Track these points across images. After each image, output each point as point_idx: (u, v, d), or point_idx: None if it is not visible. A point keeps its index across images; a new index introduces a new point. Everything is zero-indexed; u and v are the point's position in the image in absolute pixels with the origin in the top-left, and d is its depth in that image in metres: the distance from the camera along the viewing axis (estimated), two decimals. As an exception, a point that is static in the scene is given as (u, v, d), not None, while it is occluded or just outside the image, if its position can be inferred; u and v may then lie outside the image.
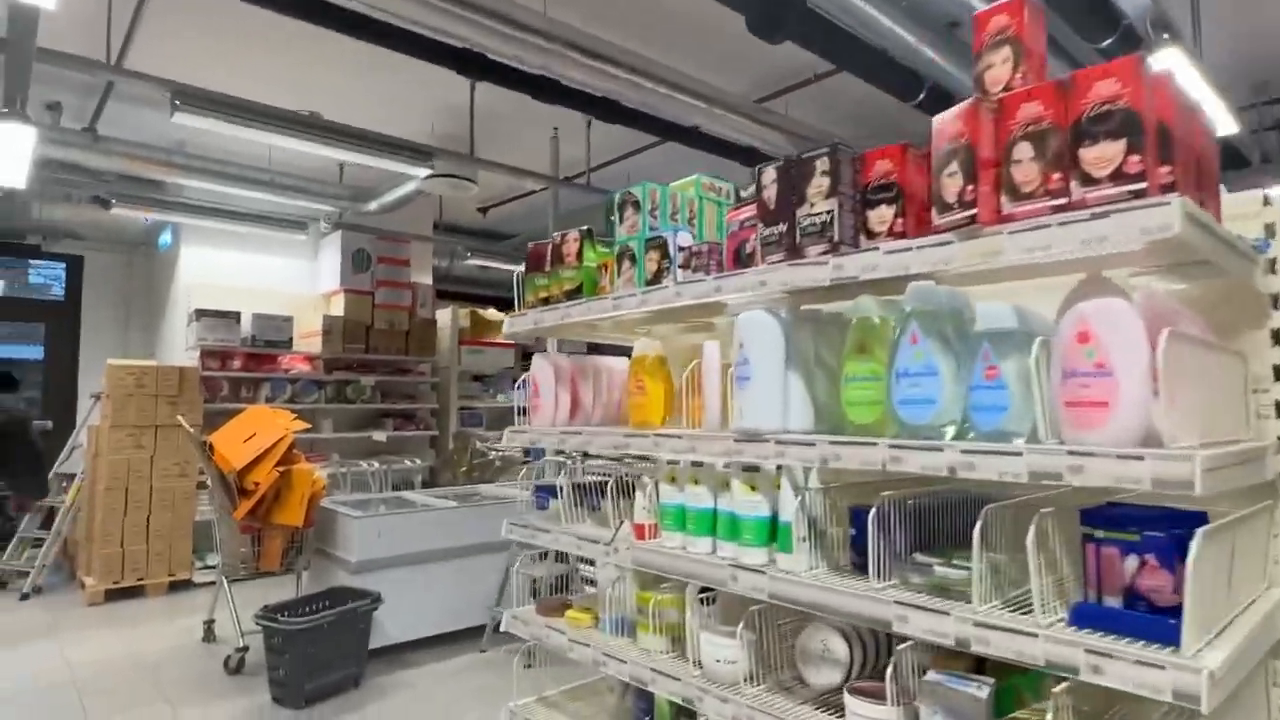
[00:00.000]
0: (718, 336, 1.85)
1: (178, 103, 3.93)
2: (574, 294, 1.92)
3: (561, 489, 1.77)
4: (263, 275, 6.75)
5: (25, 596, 5.37)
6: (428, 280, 7.53)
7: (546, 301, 1.98)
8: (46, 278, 7.45)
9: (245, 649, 3.91)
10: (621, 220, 1.71)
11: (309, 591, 4.23)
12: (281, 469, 3.97)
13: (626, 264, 1.70)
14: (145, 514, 5.45)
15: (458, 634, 4.34)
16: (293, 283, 6.92)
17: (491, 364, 7.83)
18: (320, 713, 3.42)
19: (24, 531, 5.76)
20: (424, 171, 4.96)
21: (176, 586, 5.58)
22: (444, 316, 7.51)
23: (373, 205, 6.27)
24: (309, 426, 4.30)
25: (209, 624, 4.45)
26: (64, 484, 6.01)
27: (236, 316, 6.04)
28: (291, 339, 6.34)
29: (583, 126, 5.87)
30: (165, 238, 6.67)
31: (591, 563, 2.15)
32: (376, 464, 5.88)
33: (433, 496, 4.80)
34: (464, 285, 9.17)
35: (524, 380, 2.04)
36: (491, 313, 8.02)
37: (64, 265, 7.25)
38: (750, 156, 5.68)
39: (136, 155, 5.32)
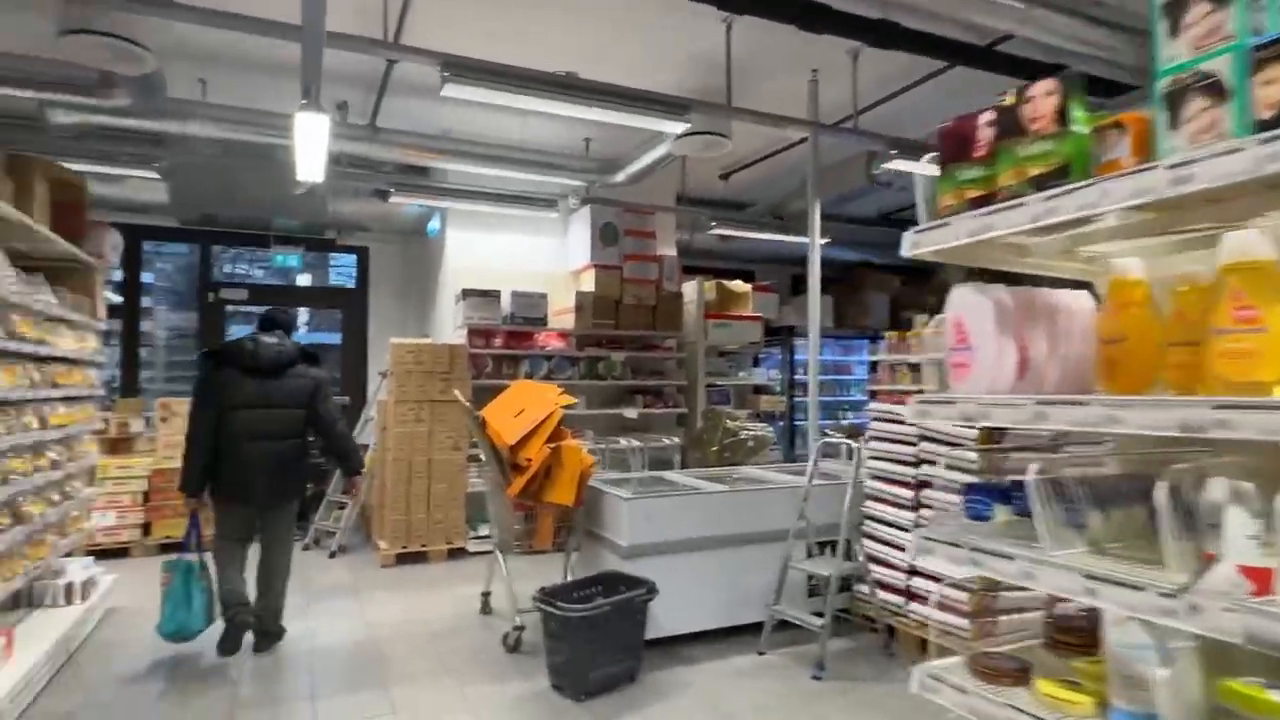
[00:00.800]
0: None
1: (446, 74, 3.90)
2: (1048, 179, 1.25)
3: (1036, 492, 1.13)
4: (519, 255, 6.91)
5: (333, 554, 5.94)
6: (672, 253, 7.26)
7: (984, 202, 1.36)
8: (341, 268, 8.34)
9: (521, 628, 3.84)
10: (1177, 28, 1.03)
11: (576, 573, 4.08)
12: (551, 445, 3.83)
13: (1193, 104, 1.02)
14: (425, 484, 5.76)
15: (732, 630, 3.95)
16: (546, 261, 7.01)
17: (737, 338, 7.39)
18: (601, 707, 3.19)
19: (331, 495, 6.40)
20: (679, 127, 4.59)
21: (454, 554, 5.86)
22: (689, 290, 7.20)
23: (620, 176, 6.08)
24: (575, 402, 4.15)
25: (485, 596, 4.50)
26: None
27: (497, 295, 6.19)
28: (546, 316, 6.39)
29: (846, 66, 5.15)
30: (434, 224, 7.08)
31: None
32: (635, 442, 5.71)
33: (696, 478, 4.45)
34: (706, 258, 8.83)
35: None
36: (737, 285, 7.57)
37: (354, 256, 8.05)
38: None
39: (409, 144, 5.57)
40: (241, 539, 3.86)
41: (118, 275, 7.21)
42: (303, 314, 10.56)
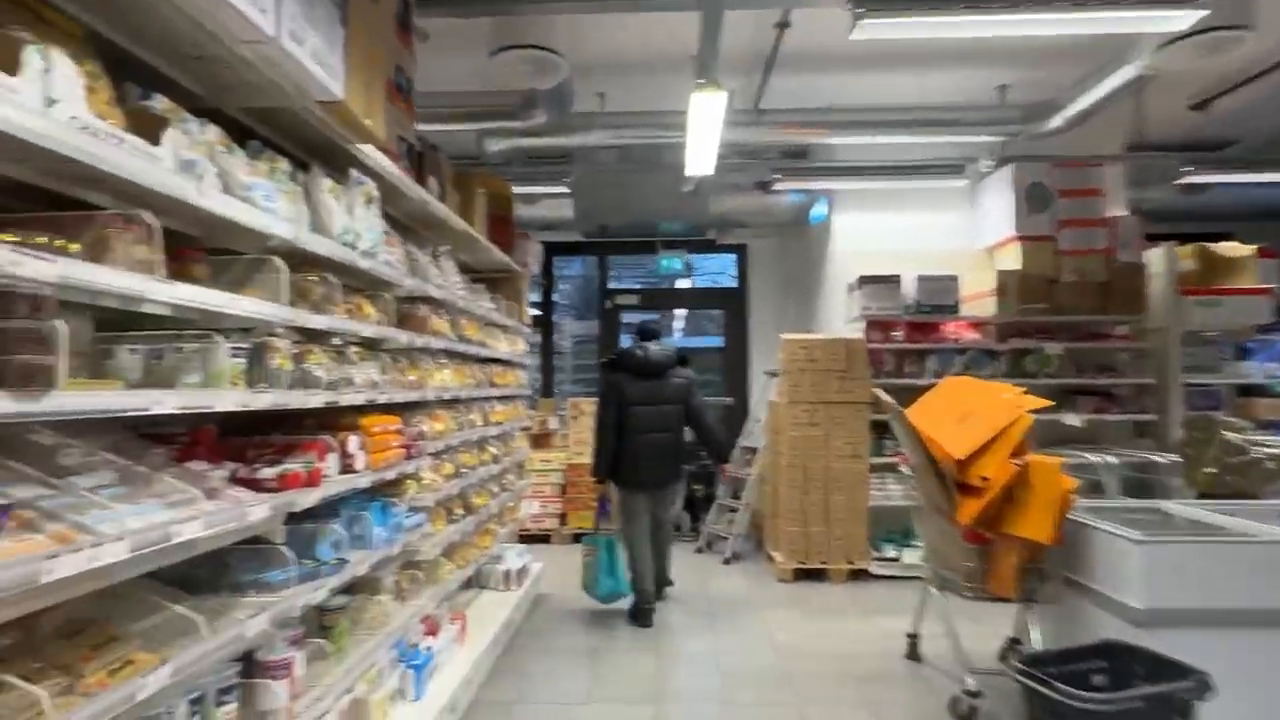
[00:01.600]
0: None
1: (859, 10, 3.25)
2: None
3: None
4: (918, 236, 5.98)
5: (727, 561, 5.72)
6: (1125, 213, 5.61)
7: None
8: (721, 268, 8.30)
9: (977, 695, 2.99)
10: None
11: (1046, 633, 3.08)
12: (1018, 462, 2.92)
13: None
14: (823, 495, 5.19)
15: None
16: (950, 239, 5.97)
17: (1231, 320, 5.43)
18: (1130, 845, 2.21)
19: (721, 498, 6.22)
20: (1187, 18, 3.27)
21: (855, 575, 5.19)
22: (1153, 260, 5.49)
23: (1055, 121, 4.78)
24: (1047, 404, 3.16)
25: (913, 639, 3.73)
26: (746, 456, 6.33)
27: (897, 281, 5.37)
28: (957, 302, 5.37)
29: None
30: (817, 210, 6.54)
31: None
32: (1110, 457, 4.40)
33: (1230, 514, 3.09)
34: (1163, 221, 6.80)
35: None
36: (1230, 247, 5.59)
37: (734, 255, 7.93)
38: None
39: (796, 121, 5.07)
40: (643, 516, 4.46)
41: (537, 287, 8.10)
42: (678, 319, 10.88)
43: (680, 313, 10.87)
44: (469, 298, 3.67)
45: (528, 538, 6.36)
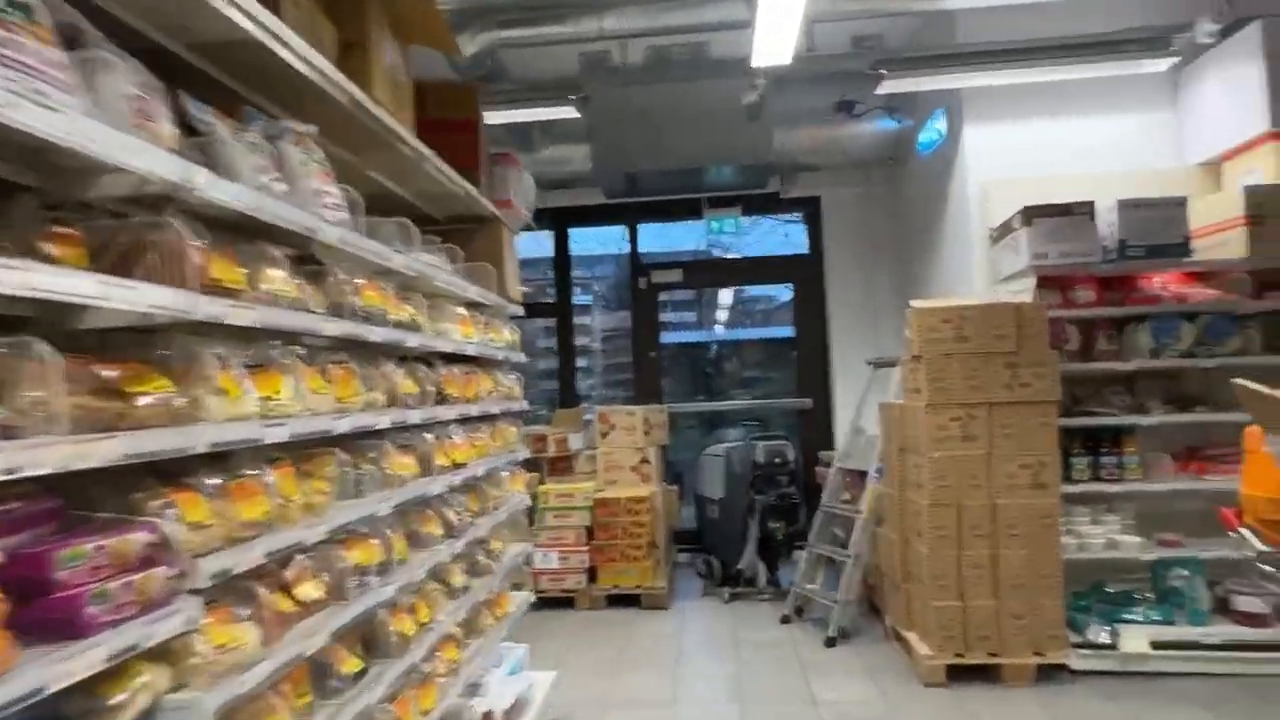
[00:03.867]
0: None
1: None
2: None
3: None
4: (1093, 152, 4.07)
5: (831, 642, 3.87)
6: None
7: None
8: (788, 233, 6.47)
9: None
10: None
11: None
12: None
13: None
14: (990, 547, 3.32)
15: None
16: (1143, 154, 4.04)
17: None
18: None
19: (814, 544, 4.38)
20: None
21: (1046, 673, 3.30)
22: None
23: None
24: None
25: None
26: (849, 484, 4.48)
27: (1089, 212, 3.45)
28: (1187, 240, 3.43)
29: None
30: (931, 133, 4.66)
31: None
32: None
33: None
34: None
35: None
36: None
37: (801, 212, 6.09)
38: None
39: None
40: None
41: (538, 251, 6.36)
42: (722, 308, 9.03)
43: (725, 300, 9.09)
44: (348, 228, 1.93)
45: (544, 602, 4.62)
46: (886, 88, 3.95)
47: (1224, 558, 3.43)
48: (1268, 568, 1.78)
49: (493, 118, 4.02)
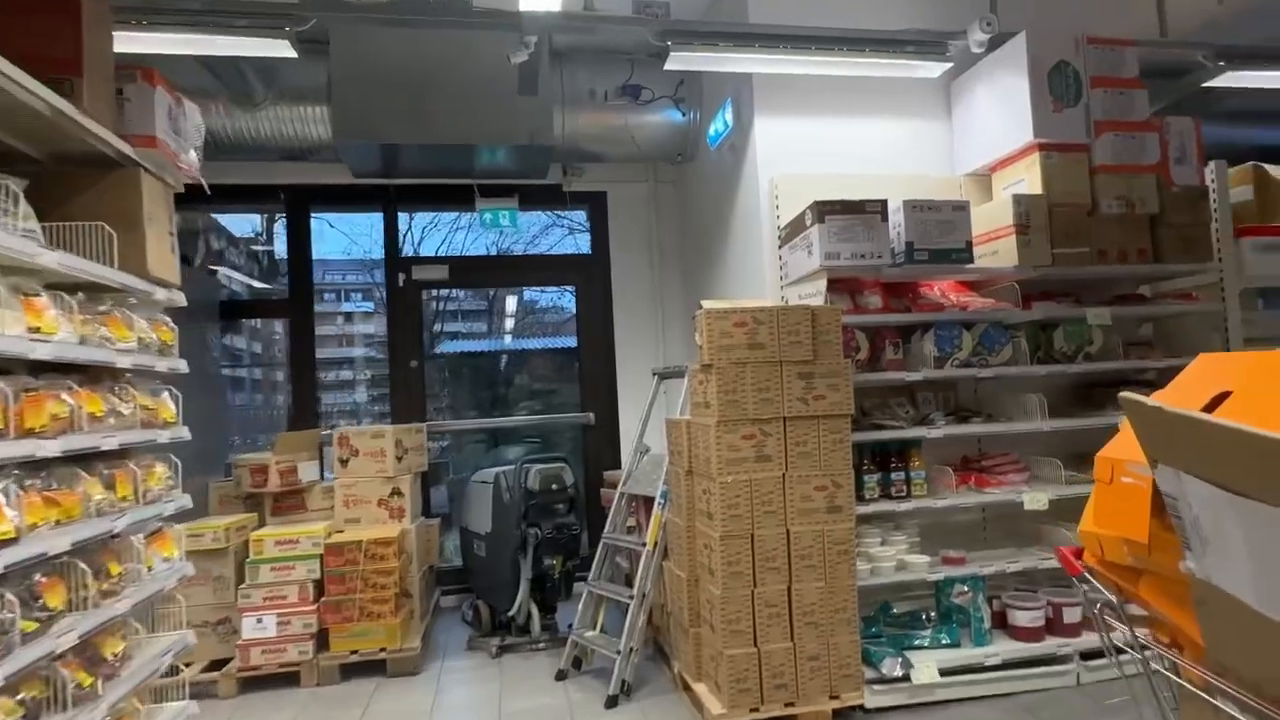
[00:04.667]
0: None
1: None
2: None
3: None
4: (876, 156, 3.94)
5: (613, 701, 3.29)
6: (1186, 119, 3.86)
7: None
8: (571, 229, 5.89)
9: None
10: None
11: None
12: None
13: None
14: (784, 580, 2.93)
15: None
16: (920, 163, 3.98)
17: (1297, 271, 3.88)
18: None
19: (595, 582, 3.78)
20: None
21: (842, 716, 2.98)
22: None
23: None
24: None
25: None
26: (632, 507, 3.96)
27: (880, 211, 3.22)
28: (970, 245, 3.32)
29: None
30: (719, 124, 4.33)
31: None
32: None
33: None
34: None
35: None
36: (1288, 170, 4.06)
37: (585, 208, 5.56)
38: None
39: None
40: None
41: (274, 247, 5.24)
42: (511, 307, 8.38)
43: (513, 308, 8.43)
44: None
45: (255, 683, 3.59)
46: (674, 63, 3.50)
47: (1002, 570, 3.36)
48: (1113, 626, 1.43)
49: (171, 43, 2.97)
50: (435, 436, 5.62)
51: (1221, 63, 3.92)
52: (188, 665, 3.74)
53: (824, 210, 3.18)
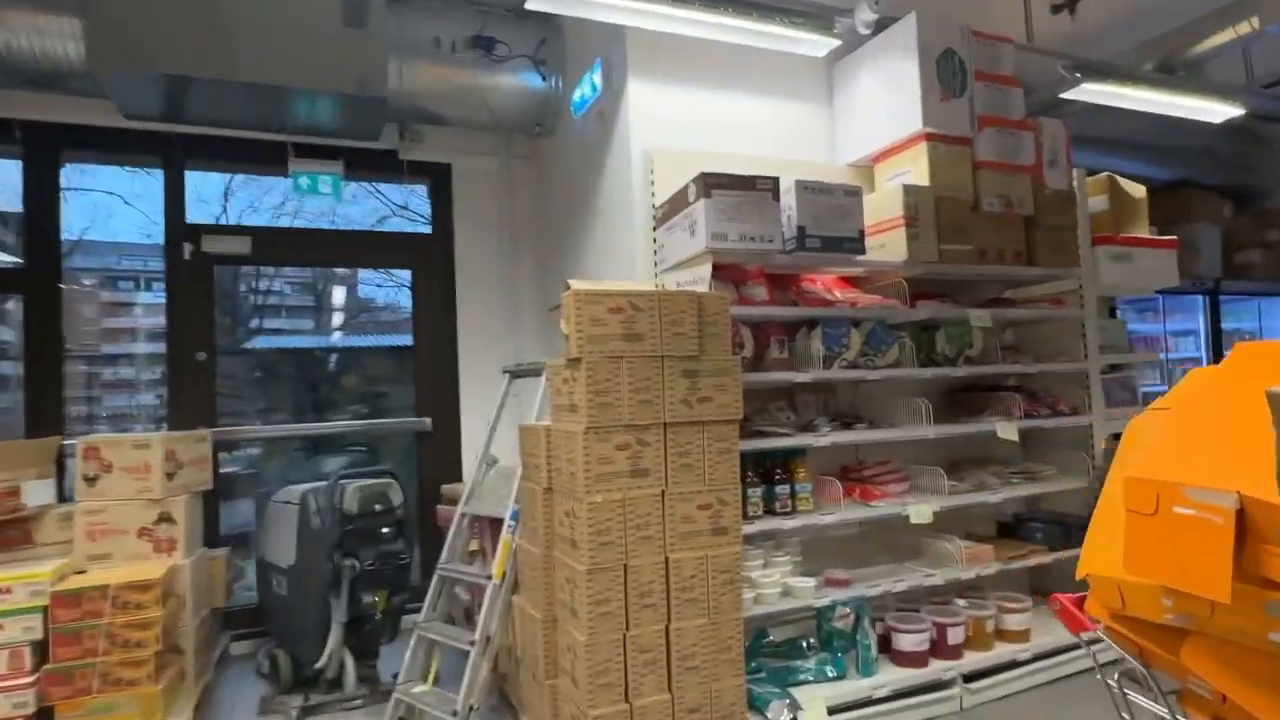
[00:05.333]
0: None
1: None
2: None
3: None
4: (757, 136, 3.59)
5: (446, 776, 2.64)
6: (1057, 122, 3.81)
7: None
8: (409, 206, 5.09)
9: None
10: None
11: None
12: None
13: None
14: (662, 619, 2.44)
15: None
16: (800, 146, 3.68)
17: (1143, 280, 4.00)
18: None
19: (427, 623, 3.10)
20: None
21: (725, 777, 2.53)
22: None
23: None
24: None
25: None
26: (475, 529, 3.32)
27: (772, 189, 2.84)
28: (862, 234, 3.02)
29: None
30: (586, 87, 3.80)
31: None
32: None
33: None
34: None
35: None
36: (1136, 187, 4.19)
37: (426, 181, 4.81)
38: None
39: None
40: None
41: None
42: (338, 299, 7.46)
43: (342, 301, 7.48)
44: None
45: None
46: (536, 2, 2.93)
47: (887, 591, 3.09)
48: (1136, 698, 1.06)
49: None
50: (243, 445, 4.64)
51: (1078, 74, 3.97)
52: None
53: (711, 183, 2.75)
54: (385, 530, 3.36)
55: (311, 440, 5.22)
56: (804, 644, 3.08)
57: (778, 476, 2.97)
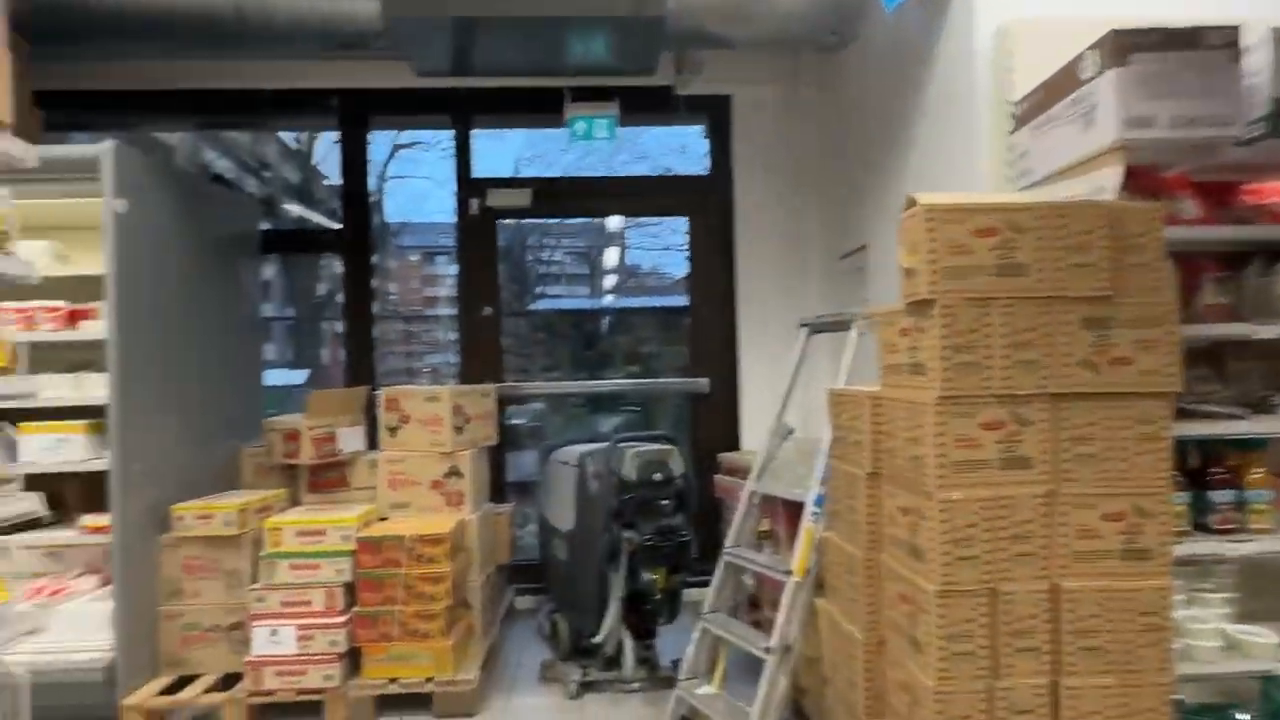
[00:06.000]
0: None
1: None
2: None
3: None
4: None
5: (739, 807, 2.20)
6: None
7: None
8: (686, 146, 4.73)
9: None
10: None
11: None
12: None
13: None
14: (1048, 672, 1.72)
15: None
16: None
17: None
18: None
19: (710, 615, 2.69)
20: None
21: None
22: None
23: None
24: None
25: None
26: (765, 511, 2.82)
27: (1233, 42, 1.88)
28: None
29: None
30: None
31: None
32: None
33: None
34: None
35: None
36: None
37: (704, 116, 4.36)
38: None
39: None
40: None
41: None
42: (610, 260, 7.46)
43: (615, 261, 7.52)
44: None
45: (270, 710, 2.76)
46: None
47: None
48: None
49: None
50: (528, 399, 4.68)
51: None
52: (196, 678, 2.96)
53: (1127, 44, 1.87)
54: (665, 502, 3.01)
55: (588, 398, 5.17)
56: (1233, 716, 2.13)
57: (1215, 477, 2.03)
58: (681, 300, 4.53)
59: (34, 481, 3.03)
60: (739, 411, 4.23)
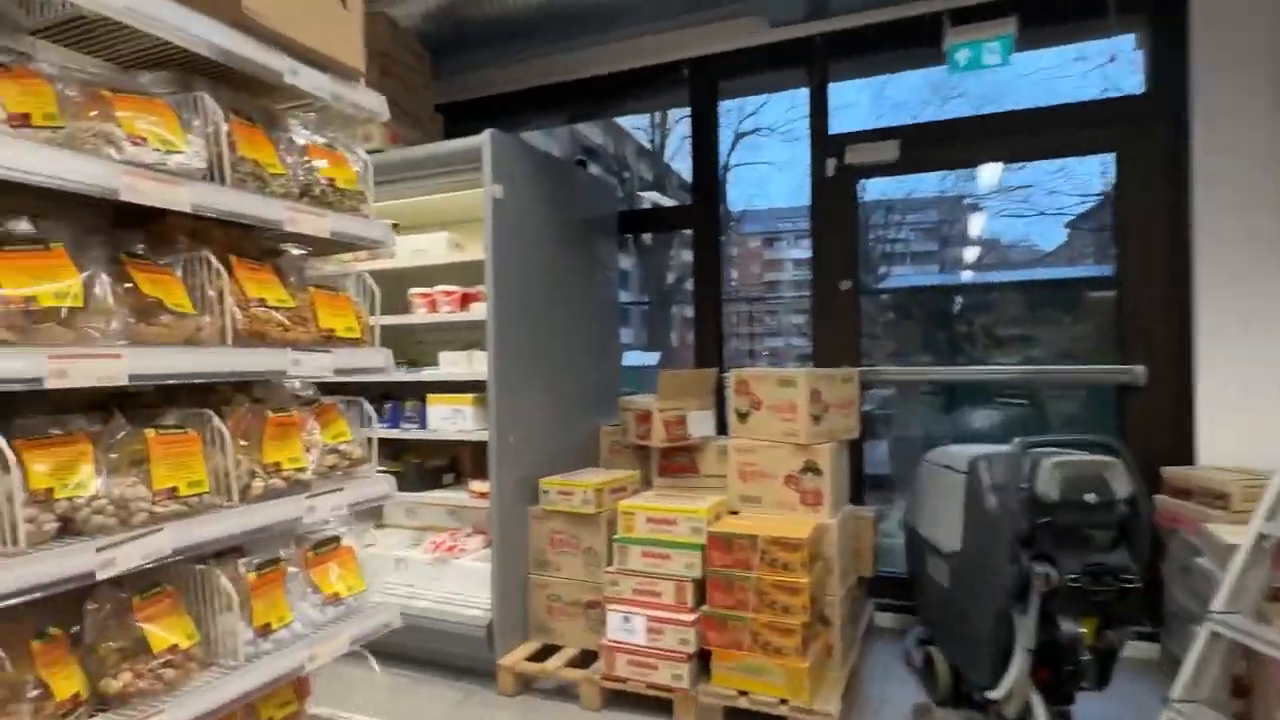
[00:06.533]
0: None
1: None
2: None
3: None
4: None
5: None
6: None
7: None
8: (1105, 68, 3.64)
9: None
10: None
11: None
12: None
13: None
14: None
15: None
16: None
17: None
18: None
19: (1184, 701, 1.88)
20: None
21: None
22: None
23: None
24: None
25: None
26: (1276, 570, 1.89)
27: None
28: None
29: None
30: None
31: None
32: None
33: None
34: None
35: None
36: None
37: (1139, 22, 3.26)
38: None
39: None
40: None
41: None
42: (974, 230, 6.50)
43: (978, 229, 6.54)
44: None
45: (621, 698, 2.69)
46: None
47: None
48: None
49: None
50: (878, 386, 4.12)
51: None
52: (557, 648, 3.04)
53: None
54: (1100, 532, 2.22)
55: (946, 387, 4.37)
56: None
57: None
58: (1078, 270, 3.51)
59: (438, 448, 3.42)
60: (1193, 411, 3.11)
